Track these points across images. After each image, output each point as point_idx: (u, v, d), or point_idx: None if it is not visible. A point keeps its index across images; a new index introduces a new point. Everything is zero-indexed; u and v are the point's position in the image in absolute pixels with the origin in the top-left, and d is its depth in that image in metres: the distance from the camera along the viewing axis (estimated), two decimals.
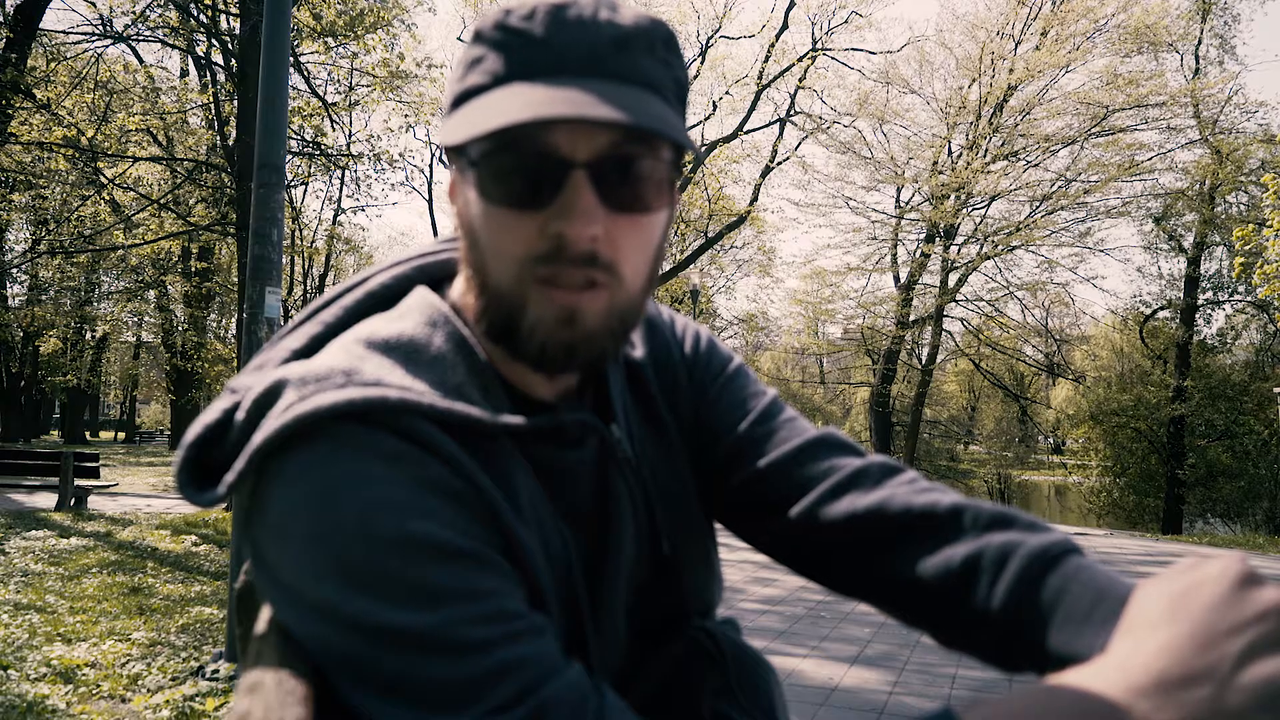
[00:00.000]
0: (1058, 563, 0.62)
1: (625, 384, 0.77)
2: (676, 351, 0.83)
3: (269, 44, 4.49)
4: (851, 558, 0.71)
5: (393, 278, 0.73)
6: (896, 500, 0.70)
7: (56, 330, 25.56)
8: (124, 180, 13.92)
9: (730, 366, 0.84)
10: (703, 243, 20.95)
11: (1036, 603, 0.60)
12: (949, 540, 0.66)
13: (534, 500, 0.64)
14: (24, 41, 10.03)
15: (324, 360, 0.61)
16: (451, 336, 0.65)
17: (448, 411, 0.59)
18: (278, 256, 4.42)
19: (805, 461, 0.75)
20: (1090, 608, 0.57)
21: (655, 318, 0.84)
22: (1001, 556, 0.63)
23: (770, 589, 6.49)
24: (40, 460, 10.21)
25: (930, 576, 0.66)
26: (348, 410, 0.56)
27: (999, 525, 0.66)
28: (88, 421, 35.93)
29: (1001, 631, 0.62)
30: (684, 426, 0.80)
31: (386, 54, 13.99)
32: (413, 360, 0.62)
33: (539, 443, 0.66)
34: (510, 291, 0.61)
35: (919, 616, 0.68)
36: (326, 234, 25.10)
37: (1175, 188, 21.11)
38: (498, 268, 0.62)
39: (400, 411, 0.57)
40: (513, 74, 0.60)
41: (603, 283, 0.60)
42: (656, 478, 0.76)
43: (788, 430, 0.78)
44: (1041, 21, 21.12)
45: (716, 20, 20.89)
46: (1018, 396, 28.77)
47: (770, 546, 0.76)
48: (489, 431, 0.62)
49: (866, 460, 0.75)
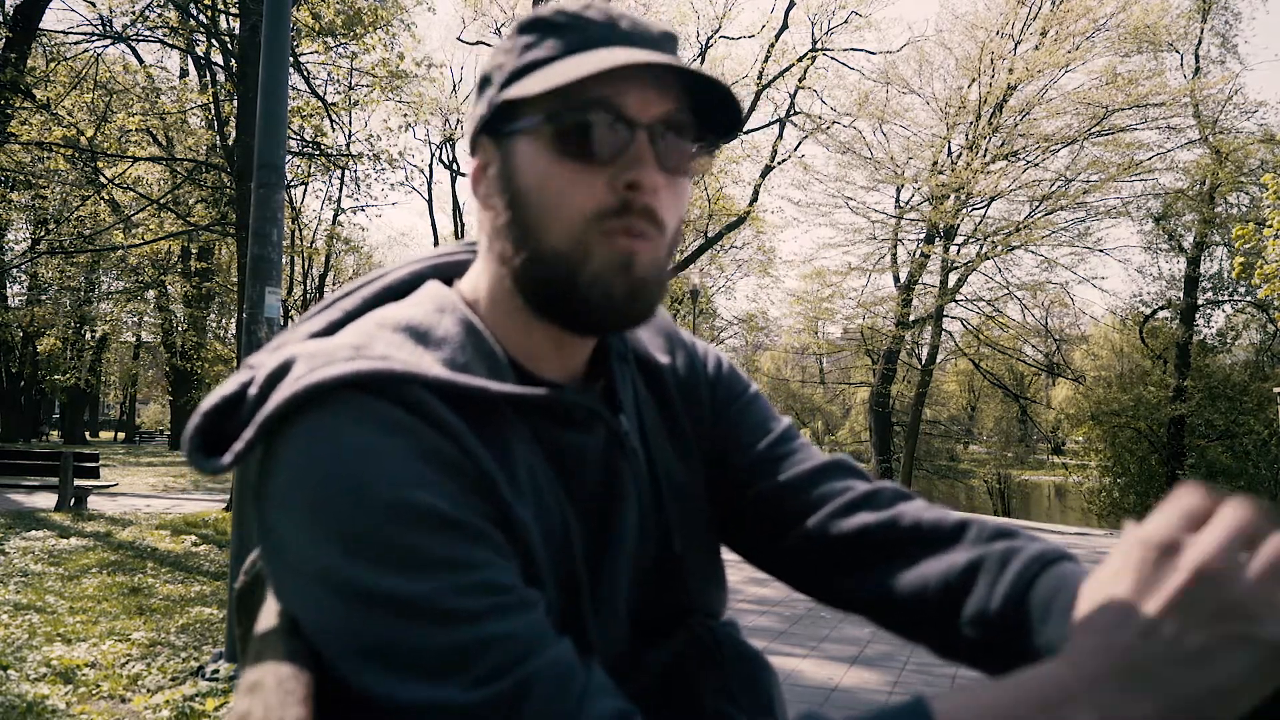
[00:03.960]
0: (1054, 565, 0.64)
1: (643, 383, 0.80)
2: (700, 372, 0.86)
3: (269, 44, 4.48)
4: (858, 570, 0.74)
5: (409, 274, 0.76)
6: (906, 516, 0.74)
7: (56, 330, 25.55)
8: (124, 180, 13.90)
9: (749, 392, 0.87)
10: (703, 243, 20.93)
11: (1032, 602, 0.62)
12: (954, 548, 0.70)
13: (534, 475, 0.65)
14: (24, 41, 10.03)
15: (336, 339, 0.63)
16: (461, 321, 0.68)
17: (450, 383, 0.61)
18: (278, 256, 4.42)
19: (821, 481, 0.78)
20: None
21: (677, 336, 0.87)
22: (1003, 559, 0.67)
23: (768, 589, 6.49)
24: (40, 460, 10.22)
25: (934, 582, 0.69)
26: (354, 380, 0.57)
27: (1003, 536, 0.70)
28: (88, 421, 35.91)
29: (999, 633, 0.64)
30: (702, 437, 0.82)
31: (386, 54, 13.97)
32: (421, 340, 0.65)
33: (544, 419, 0.68)
34: (571, 248, 0.65)
35: (919, 626, 0.71)
36: (326, 234, 25.07)
37: (1175, 188, 21.11)
38: (557, 226, 0.65)
39: (404, 382, 0.59)
40: (581, 46, 0.66)
41: (654, 236, 0.66)
42: (670, 475, 0.77)
43: (804, 454, 0.81)
44: (1041, 21, 21.10)
45: (716, 20, 20.90)
46: (1018, 396, 28.76)
47: (774, 561, 0.80)
48: (492, 403, 0.64)
49: (879, 485, 0.79)
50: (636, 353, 0.81)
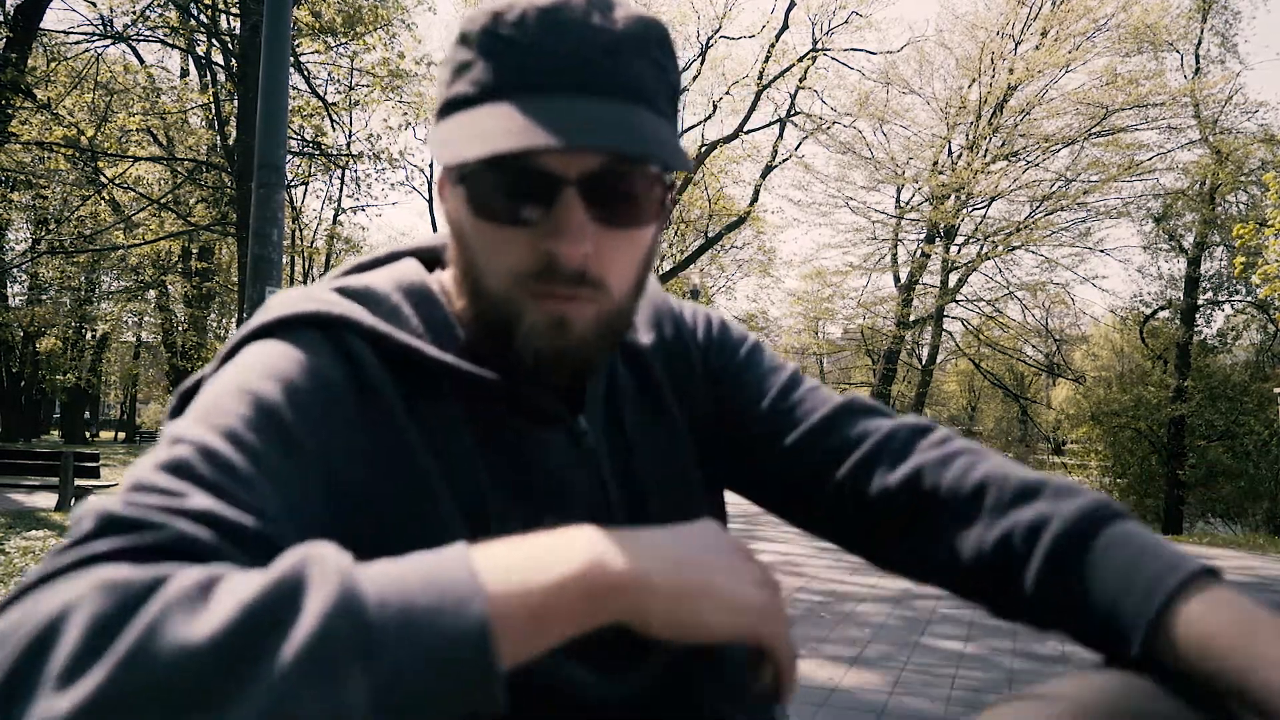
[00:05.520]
0: (1094, 533, 0.62)
1: (625, 369, 0.77)
2: (690, 340, 0.82)
3: (269, 43, 4.49)
4: (889, 535, 0.72)
5: (387, 253, 0.77)
6: (925, 477, 0.70)
7: (56, 330, 25.55)
8: (124, 180, 13.90)
9: (745, 347, 0.84)
10: (703, 243, 20.93)
11: (1068, 585, 0.61)
12: (976, 520, 0.67)
13: (455, 445, 0.64)
14: (24, 41, 10.03)
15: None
16: (416, 294, 0.69)
17: (384, 335, 0.63)
18: (278, 256, 4.43)
19: (831, 431, 0.75)
20: (1126, 582, 0.58)
21: (665, 307, 0.84)
22: (1030, 535, 0.64)
23: None
24: (40, 460, 10.21)
25: (967, 558, 0.67)
26: (291, 320, 0.63)
27: (1025, 498, 0.66)
28: (88, 421, 35.90)
29: (1042, 607, 0.63)
30: (699, 415, 0.80)
31: (386, 53, 13.99)
32: (363, 302, 0.66)
33: (489, 404, 0.67)
34: (503, 301, 0.63)
35: (966, 593, 0.69)
36: (326, 234, 25.06)
37: (1175, 188, 21.08)
38: (490, 278, 0.63)
39: (338, 325, 0.63)
40: (501, 87, 0.60)
41: (589, 297, 0.62)
42: (654, 468, 0.75)
43: (810, 402, 0.78)
44: (1041, 21, 21.09)
45: (716, 20, 20.87)
46: (1018, 396, 28.75)
47: (806, 520, 0.78)
48: (431, 375, 0.65)
49: (895, 423, 0.75)
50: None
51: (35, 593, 0.43)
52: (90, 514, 0.48)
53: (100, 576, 0.42)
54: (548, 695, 0.64)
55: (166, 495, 0.49)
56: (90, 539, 0.46)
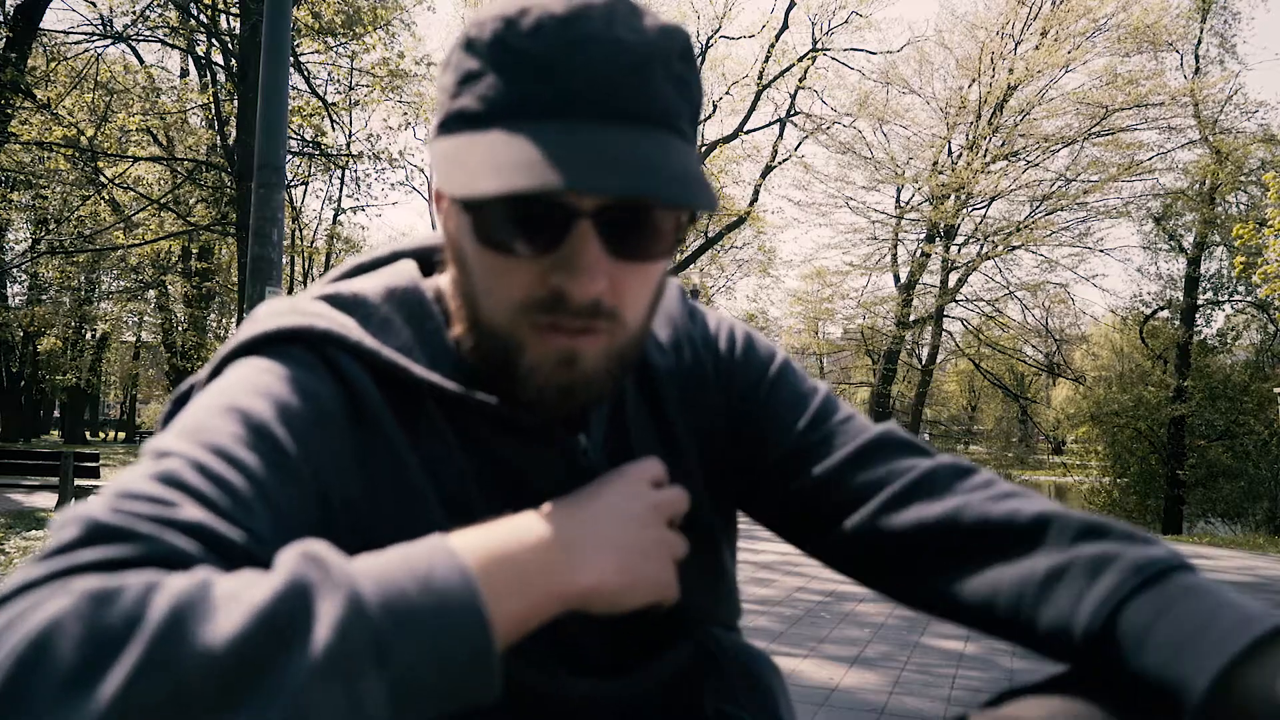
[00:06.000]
0: (1161, 579, 0.55)
1: (636, 388, 0.74)
2: (709, 359, 0.78)
3: (269, 44, 4.49)
4: (920, 570, 0.66)
5: (387, 253, 0.75)
6: (971, 509, 0.65)
7: (56, 330, 25.55)
8: (124, 180, 13.91)
9: (774, 366, 0.78)
10: (703, 243, 20.93)
11: (1124, 623, 0.54)
12: (1031, 551, 0.61)
13: (447, 462, 0.63)
14: (24, 41, 10.02)
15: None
16: (408, 305, 0.66)
17: (370, 352, 0.62)
18: (278, 256, 4.43)
19: (865, 466, 0.70)
20: (1196, 631, 0.51)
21: (685, 322, 0.79)
22: (1094, 567, 0.57)
23: (767, 589, 6.49)
24: (40, 460, 10.20)
25: (1008, 589, 0.60)
26: (276, 335, 0.61)
27: (1091, 536, 0.60)
28: (88, 421, 35.91)
29: (1084, 647, 0.56)
30: (714, 436, 0.76)
31: (386, 53, 14.00)
32: (351, 311, 0.65)
33: (480, 422, 0.64)
34: (505, 332, 0.60)
35: (990, 630, 0.63)
36: (326, 234, 25.06)
37: (1175, 188, 21.09)
38: (490, 307, 0.60)
39: (325, 341, 0.61)
40: (514, 109, 0.56)
41: (604, 329, 0.58)
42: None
43: (844, 432, 0.73)
44: (1041, 21, 21.09)
45: (716, 20, 20.89)
46: (1018, 396, 28.76)
47: (830, 557, 0.72)
48: (414, 385, 0.63)
49: (934, 462, 0.70)
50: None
51: (17, 601, 0.41)
52: (75, 521, 0.46)
53: (88, 586, 0.41)
54: (548, 703, 0.64)
55: (157, 504, 0.47)
56: (75, 548, 0.44)
